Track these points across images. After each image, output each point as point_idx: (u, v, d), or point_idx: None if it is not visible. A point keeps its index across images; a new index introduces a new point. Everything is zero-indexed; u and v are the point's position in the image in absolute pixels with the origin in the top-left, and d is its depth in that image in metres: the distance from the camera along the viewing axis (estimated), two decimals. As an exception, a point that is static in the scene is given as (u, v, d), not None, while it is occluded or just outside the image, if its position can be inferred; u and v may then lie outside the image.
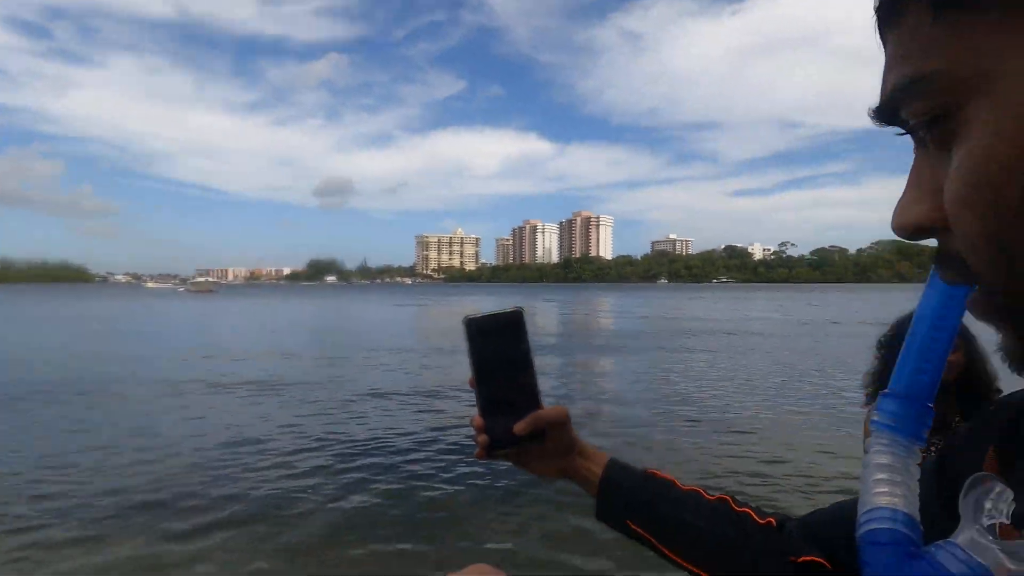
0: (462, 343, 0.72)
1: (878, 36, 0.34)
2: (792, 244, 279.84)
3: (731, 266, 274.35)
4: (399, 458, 6.31)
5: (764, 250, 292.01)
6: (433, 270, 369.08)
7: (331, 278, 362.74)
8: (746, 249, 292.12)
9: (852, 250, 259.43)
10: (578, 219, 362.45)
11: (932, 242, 0.33)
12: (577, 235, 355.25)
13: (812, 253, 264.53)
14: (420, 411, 8.71)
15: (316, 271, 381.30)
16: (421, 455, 6.43)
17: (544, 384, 0.77)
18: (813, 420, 7.97)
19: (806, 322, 27.38)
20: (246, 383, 11.05)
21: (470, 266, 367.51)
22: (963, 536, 0.32)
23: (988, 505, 0.33)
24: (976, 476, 0.34)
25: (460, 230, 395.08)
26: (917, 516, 0.37)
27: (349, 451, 6.60)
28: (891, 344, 2.05)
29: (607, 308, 42.98)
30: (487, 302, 55.73)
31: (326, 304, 52.25)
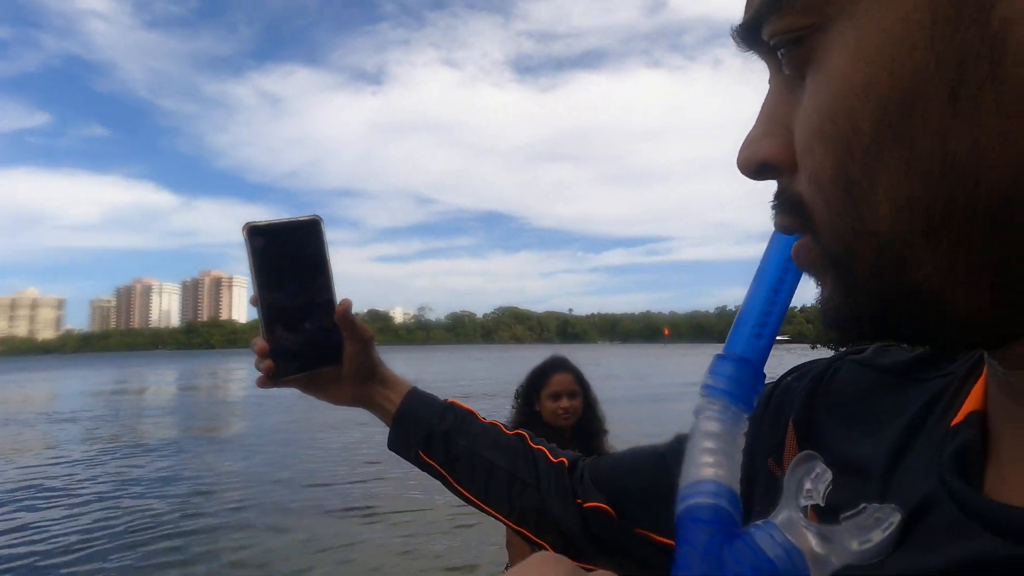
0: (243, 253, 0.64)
1: None
2: (430, 308, 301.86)
3: (375, 328, 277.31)
4: None
5: (404, 314, 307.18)
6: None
7: None
8: (388, 313, 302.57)
9: (479, 315, 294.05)
10: (207, 279, 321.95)
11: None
12: (205, 296, 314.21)
13: (447, 317, 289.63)
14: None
15: None
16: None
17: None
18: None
19: (445, 381, 24.92)
20: None
21: (47, 334, 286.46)
22: (782, 516, 0.32)
23: (808, 486, 0.32)
24: (802, 454, 0.34)
25: (33, 290, 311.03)
26: (738, 489, 0.35)
27: None
28: (527, 394, 2.46)
29: (241, 376, 33.90)
30: (63, 380, 39.89)
31: None
